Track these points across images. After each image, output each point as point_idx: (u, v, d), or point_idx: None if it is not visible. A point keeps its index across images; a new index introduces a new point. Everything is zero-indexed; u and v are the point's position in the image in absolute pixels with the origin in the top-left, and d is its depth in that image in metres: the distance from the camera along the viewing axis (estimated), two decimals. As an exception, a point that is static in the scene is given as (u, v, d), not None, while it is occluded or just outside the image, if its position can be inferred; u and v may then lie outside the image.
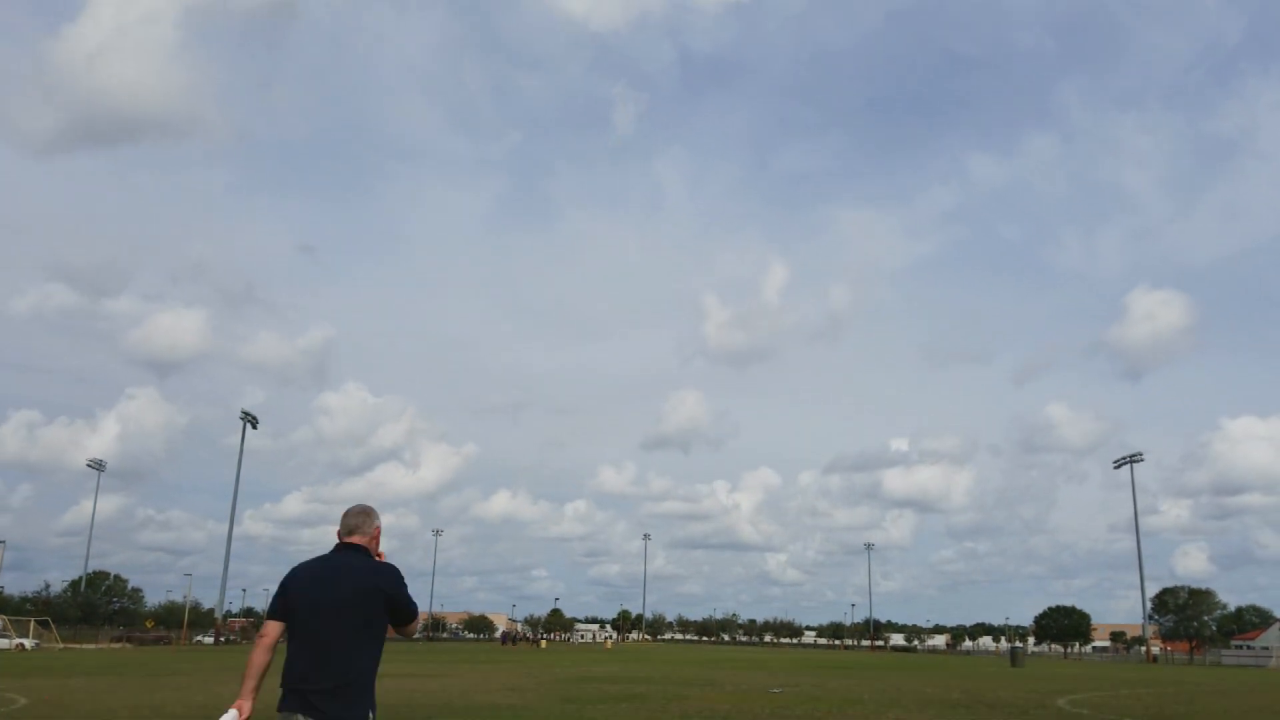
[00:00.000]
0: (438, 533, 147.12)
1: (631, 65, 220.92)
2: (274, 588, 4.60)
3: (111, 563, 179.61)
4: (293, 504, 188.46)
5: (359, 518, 4.42)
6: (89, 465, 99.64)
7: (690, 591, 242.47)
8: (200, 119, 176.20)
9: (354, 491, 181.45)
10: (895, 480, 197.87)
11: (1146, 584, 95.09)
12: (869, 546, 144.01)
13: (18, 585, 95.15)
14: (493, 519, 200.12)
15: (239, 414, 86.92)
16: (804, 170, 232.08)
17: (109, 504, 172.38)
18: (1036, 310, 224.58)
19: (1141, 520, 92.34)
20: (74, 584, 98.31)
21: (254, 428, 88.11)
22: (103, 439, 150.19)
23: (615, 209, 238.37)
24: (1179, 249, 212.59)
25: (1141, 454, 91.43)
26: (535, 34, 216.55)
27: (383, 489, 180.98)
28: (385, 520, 4.58)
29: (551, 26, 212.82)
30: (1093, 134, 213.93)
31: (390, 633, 4.27)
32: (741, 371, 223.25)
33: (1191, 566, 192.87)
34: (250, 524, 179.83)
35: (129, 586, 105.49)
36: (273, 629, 4.22)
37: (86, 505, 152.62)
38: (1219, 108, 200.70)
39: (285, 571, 4.29)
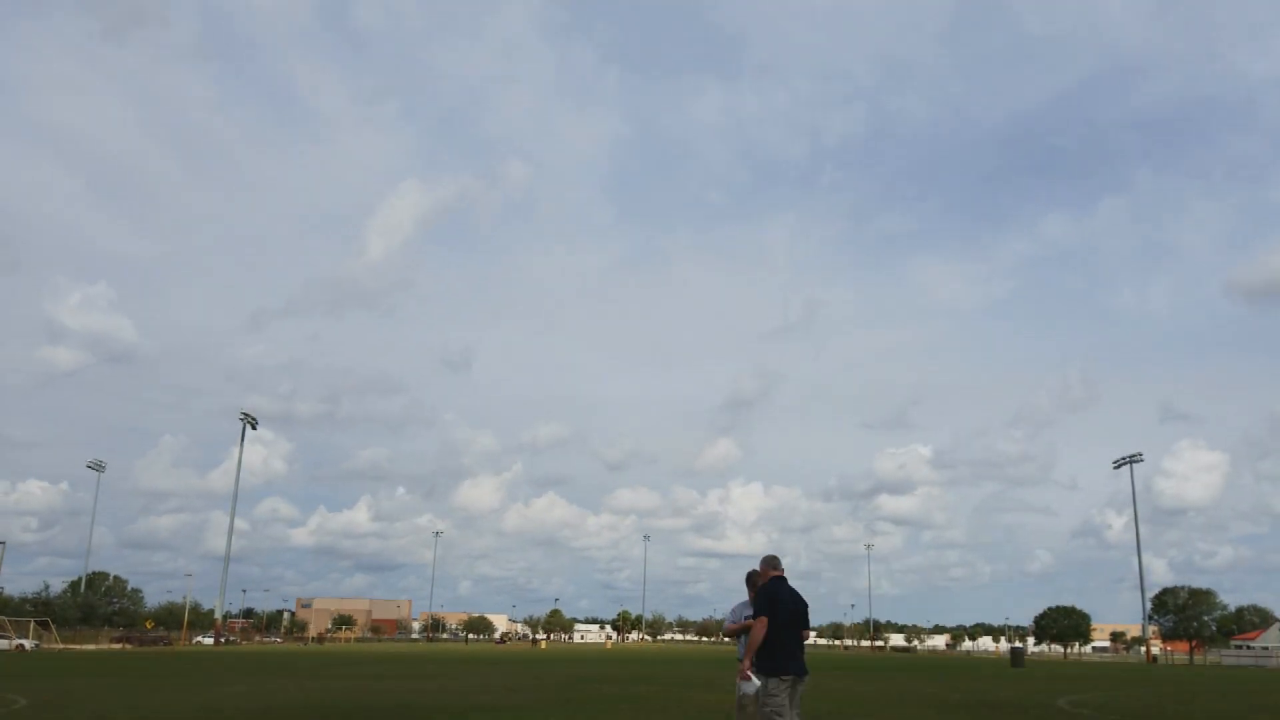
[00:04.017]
0: (438, 534, 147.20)
1: (764, 154, 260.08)
2: (305, 589, 4.60)
3: (175, 565, 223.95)
4: (358, 515, 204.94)
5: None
6: (89, 466, 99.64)
7: (696, 593, 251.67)
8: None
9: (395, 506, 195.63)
10: (910, 490, 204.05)
11: (1110, 588, 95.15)
12: (869, 548, 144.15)
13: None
14: (523, 526, 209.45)
15: (238, 415, 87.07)
16: (897, 230, 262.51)
17: (195, 519, 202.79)
18: (1076, 347, 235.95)
19: (1108, 534, 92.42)
20: (74, 584, 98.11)
21: (253, 428, 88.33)
22: (222, 469, 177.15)
23: (722, 259, 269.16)
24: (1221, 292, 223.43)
25: (1141, 454, 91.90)
26: (689, 133, 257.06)
27: (445, 503, 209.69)
28: (442, 526, 4.62)
29: (703, 126, 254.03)
30: (1159, 200, 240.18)
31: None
32: (789, 393, 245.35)
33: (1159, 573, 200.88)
34: (305, 530, 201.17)
35: (128, 587, 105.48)
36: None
37: (161, 520, 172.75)
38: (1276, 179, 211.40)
39: (333, 572, 4.18)
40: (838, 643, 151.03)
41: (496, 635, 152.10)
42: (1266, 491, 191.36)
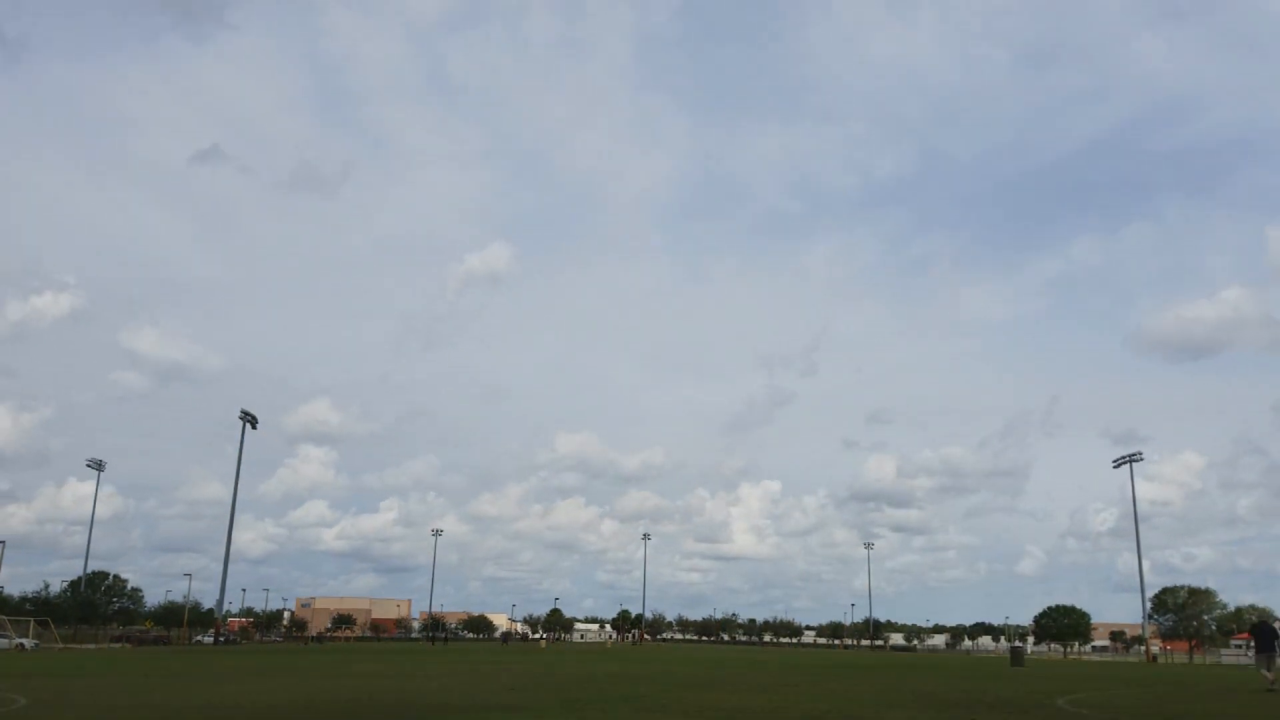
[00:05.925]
0: (437, 533, 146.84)
1: (816, 187, 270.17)
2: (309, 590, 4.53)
3: (197, 566, 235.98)
4: (383, 519, 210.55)
5: None
6: (88, 465, 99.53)
7: (698, 593, 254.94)
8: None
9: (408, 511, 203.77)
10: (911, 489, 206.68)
11: (1100, 587, 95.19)
12: (869, 546, 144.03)
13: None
14: (536, 528, 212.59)
15: (239, 414, 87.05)
16: (931, 252, 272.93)
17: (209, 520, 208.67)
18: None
19: (1095, 535, 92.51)
20: (73, 584, 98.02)
21: (253, 428, 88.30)
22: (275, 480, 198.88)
23: (763, 276, 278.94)
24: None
25: (1140, 453, 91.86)
26: (744, 168, 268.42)
27: (467, 509, 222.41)
28: (464, 530, 4.58)
29: (758, 163, 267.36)
30: (1185, 228, 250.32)
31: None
32: (813, 401, 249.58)
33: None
34: (331, 533, 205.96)
35: (128, 586, 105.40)
36: None
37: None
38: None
39: (347, 573, 3.97)
40: (838, 642, 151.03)
41: (498, 634, 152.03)
42: (1237, 498, 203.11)
